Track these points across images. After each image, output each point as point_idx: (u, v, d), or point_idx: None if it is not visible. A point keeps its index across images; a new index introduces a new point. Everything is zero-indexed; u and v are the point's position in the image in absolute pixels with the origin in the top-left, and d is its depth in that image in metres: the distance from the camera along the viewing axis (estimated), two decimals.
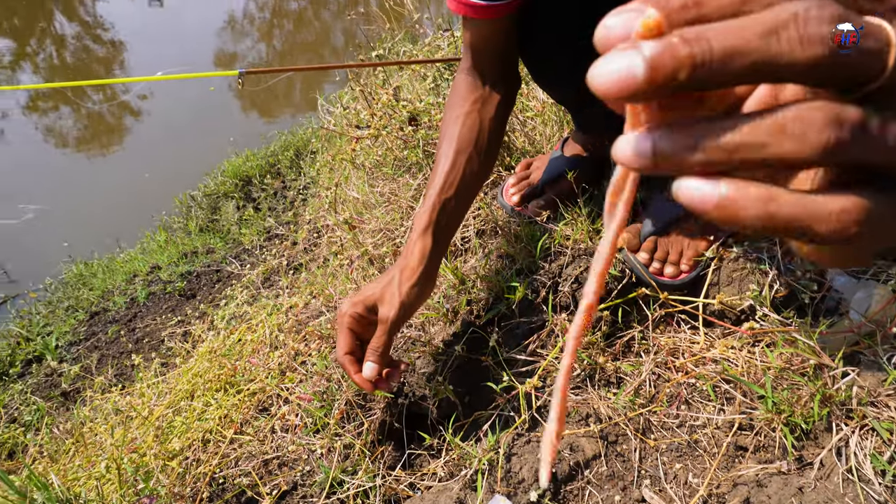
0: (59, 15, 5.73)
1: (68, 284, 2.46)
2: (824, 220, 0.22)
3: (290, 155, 2.62)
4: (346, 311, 0.85)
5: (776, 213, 0.22)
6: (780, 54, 0.21)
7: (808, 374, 0.80)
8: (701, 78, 0.21)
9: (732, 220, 0.22)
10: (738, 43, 0.21)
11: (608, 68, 0.21)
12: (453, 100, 0.99)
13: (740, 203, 0.22)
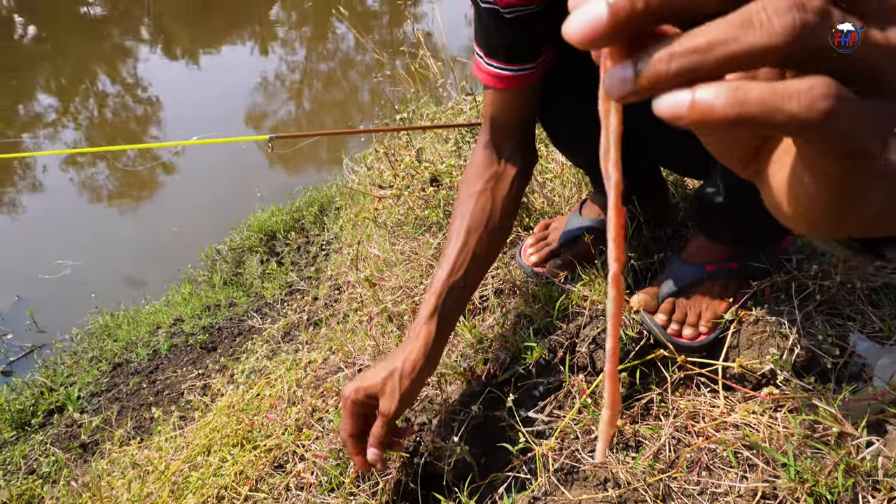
0: (102, 76, 6.04)
1: (94, 335, 2.50)
2: (794, 97, 0.22)
3: (315, 211, 2.69)
4: (349, 396, 0.89)
5: (745, 98, 0.23)
6: (737, 52, 0.22)
7: (830, 442, 0.78)
8: (657, 4, 0.23)
9: (707, 117, 0.23)
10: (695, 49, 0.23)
11: (578, 18, 0.23)
12: (469, 176, 1.01)
13: (711, 98, 0.23)
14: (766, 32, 0.22)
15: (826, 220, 0.29)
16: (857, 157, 0.25)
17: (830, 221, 0.29)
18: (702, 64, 0.23)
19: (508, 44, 0.91)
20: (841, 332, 0.94)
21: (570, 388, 1.00)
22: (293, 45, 6.68)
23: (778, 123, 0.23)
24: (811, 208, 0.29)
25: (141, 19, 7.45)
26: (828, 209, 0.28)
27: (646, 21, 0.23)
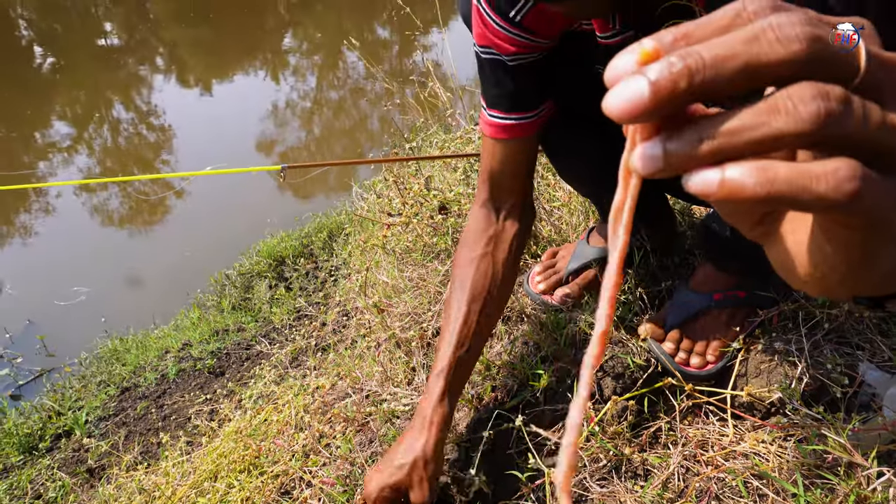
0: (117, 103, 6.17)
1: (103, 359, 2.51)
2: (822, 179, 0.24)
3: (324, 237, 2.71)
4: (373, 494, 0.89)
5: (774, 178, 0.24)
6: (763, 54, 0.23)
7: (840, 472, 0.78)
8: (699, 85, 0.24)
9: (738, 195, 0.24)
10: (725, 51, 0.24)
11: (619, 94, 0.24)
12: (468, 237, 1.01)
13: (741, 178, 0.24)
14: (793, 119, 0.23)
15: (842, 284, 0.30)
16: (878, 227, 0.26)
17: (847, 285, 0.30)
18: (731, 146, 0.24)
19: (511, 93, 0.93)
20: (850, 362, 0.94)
21: None
22: (304, 73, 6.80)
23: (805, 203, 0.24)
24: (828, 274, 0.30)
25: (156, 48, 7.62)
26: (845, 275, 0.29)
27: (686, 101, 0.24)
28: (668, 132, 0.25)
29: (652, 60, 0.24)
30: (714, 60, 0.24)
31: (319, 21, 8.02)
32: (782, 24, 0.24)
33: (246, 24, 7.82)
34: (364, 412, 1.21)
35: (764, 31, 0.24)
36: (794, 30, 0.23)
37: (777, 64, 0.24)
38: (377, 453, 1.09)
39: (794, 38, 0.23)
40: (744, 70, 0.24)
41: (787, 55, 0.23)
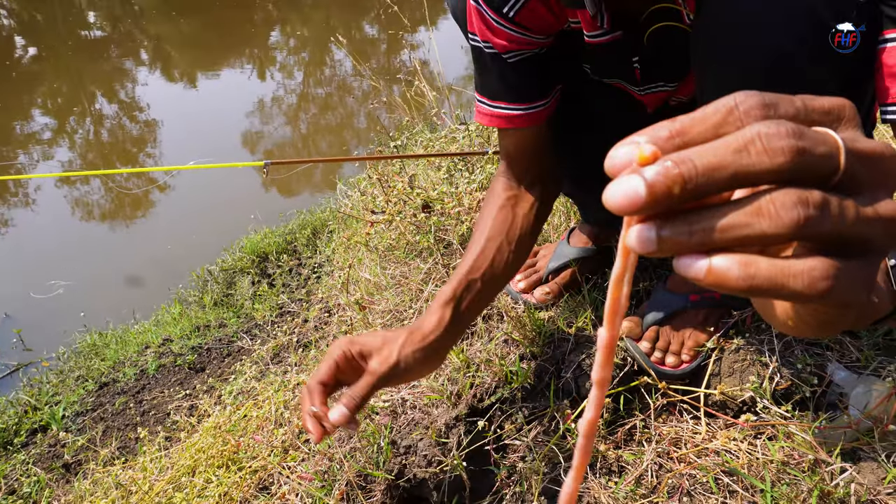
0: (100, 96, 6.09)
1: (81, 354, 2.49)
2: (798, 276, 0.27)
3: (308, 233, 2.70)
4: (341, 346, 0.82)
5: (756, 273, 0.27)
6: (750, 164, 0.26)
7: (806, 469, 0.80)
8: (691, 190, 0.26)
9: (722, 284, 0.27)
10: (716, 160, 0.26)
11: (618, 190, 0.26)
12: (489, 199, 1.02)
13: (726, 269, 0.27)
14: (775, 223, 0.26)
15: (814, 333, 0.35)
16: (847, 306, 0.29)
17: (818, 333, 0.35)
18: (718, 240, 0.27)
19: (514, 86, 0.93)
20: (819, 362, 0.96)
21: (554, 413, 1.02)
22: (291, 69, 6.77)
23: (783, 296, 0.27)
24: (801, 326, 0.35)
25: (141, 41, 7.54)
26: (817, 328, 0.34)
27: (678, 202, 0.27)
28: (662, 219, 0.28)
29: (650, 160, 0.26)
30: (705, 169, 0.26)
31: (307, 17, 7.98)
32: (770, 135, 0.26)
33: (232, 18, 7.77)
34: None
35: (752, 142, 0.26)
36: (780, 142, 0.26)
37: (763, 174, 0.26)
38: (356, 449, 1.10)
39: (780, 151, 0.26)
40: (733, 178, 0.26)
41: (773, 166, 0.26)
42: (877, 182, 0.29)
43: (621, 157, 0.27)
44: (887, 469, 0.75)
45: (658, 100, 0.99)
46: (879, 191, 0.29)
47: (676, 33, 0.84)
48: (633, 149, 0.27)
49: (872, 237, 0.29)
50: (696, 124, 0.27)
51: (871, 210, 0.28)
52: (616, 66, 0.95)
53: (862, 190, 0.28)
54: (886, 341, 1.00)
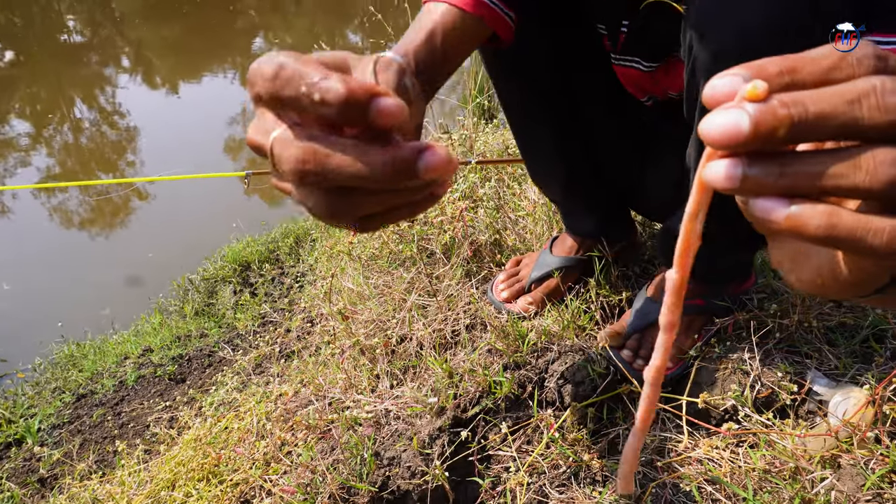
0: (79, 102, 6.01)
1: (58, 365, 2.44)
2: (879, 234, 0.26)
3: (290, 242, 2.68)
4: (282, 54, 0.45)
5: (837, 224, 0.26)
6: (862, 118, 0.25)
7: (787, 477, 0.81)
8: (796, 134, 0.25)
9: (800, 231, 0.26)
10: (828, 108, 0.25)
11: (719, 122, 0.25)
12: None
13: (806, 217, 0.26)
14: (871, 178, 0.25)
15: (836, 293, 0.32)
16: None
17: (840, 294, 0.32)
18: (807, 187, 0.26)
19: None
20: (799, 370, 0.97)
21: (538, 423, 1.01)
22: None
23: (858, 250, 0.26)
24: (828, 284, 0.32)
25: (122, 47, 7.47)
26: (843, 288, 0.32)
27: (780, 144, 0.26)
28: (751, 157, 0.26)
29: (759, 97, 0.25)
30: (817, 116, 0.25)
31: (290, 24, 7.96)
32: (886, 91, 0.25)
33: (214, 25, 7.72)
34: (326, 419, 1.20)
35: (867, 95, 0.25)
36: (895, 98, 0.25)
37: (872, 128, 0.25)
38: (339, 461, 1.09)
39: (893, 107, 0.25)
40: (841, 128, 0.25)
41: (884, 123, 0.25)
42: None
43: (723, 87, 0.26)
44: (866, 476, 0.76)
45: (630, 78, 0.98)
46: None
47: (670, 15, 0.82)
48: (737, 80, 0.26)
49: None
50: (807, 64, 0.26)
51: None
52: (609, 21, 0.94)
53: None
54: (863, 348, 1.02)
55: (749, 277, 1.12)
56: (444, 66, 0.75)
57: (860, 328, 1.03)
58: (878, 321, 1.03)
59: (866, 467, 0.77)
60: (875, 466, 0.77)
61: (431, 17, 0.74)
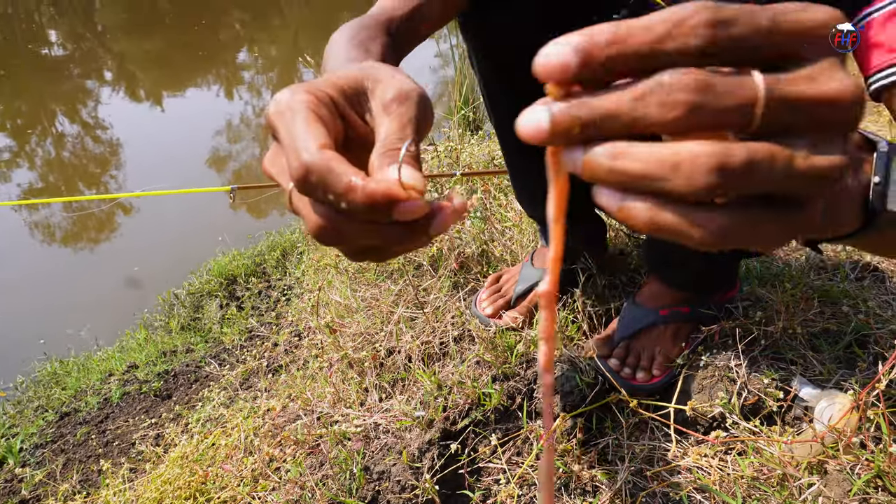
0: (61, 116, 5.96)
1: (40, 383, 2.40)
2: (699, 228, 0.27)
3: (277, 255, 2.67)
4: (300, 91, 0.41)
5: (659, 221, 0.27)
6: (645, 115, 0.26)
7: (775, 483, 0.81)
8: (591, 132, 0.27)
9: (631, 224, 0.28)
10: (613, 107, 0.26)
11: (527, 119, 0.28)
12: None
13: (632, 212, 0.27)
14: (687, 184, 0.26)
15: None
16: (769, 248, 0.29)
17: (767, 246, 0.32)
18: (635, 187, 0.27)
19: None
20: (784, 376, 0.98)
21: (528, 435, 1.01)
22: (259, 89, 6.73)
23: (685, 242, 0.28)
24: None
25: (104, 60, 7.43)
26: None
27: (581, 140, 0.27)
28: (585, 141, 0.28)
29: (560, 93, 0.27)
30: (602, 115, 0.26)
31: (275, 37, 7.97)
32: (671, 85, 0.25)
33: (198, 38, 7.71)
34: (315, 434, 1.19)
35: (651, 92, 0.25)
36: (678, 95, 0.25)
37: (660, 126, 0.26)
38: (328, 476, 1.08)
39: (674, 105, 0.25)
40: (629, 126, 0.26)
41: (666, 120, 0.25)
42: (821, 128, 0.27)
43: (555, 59, 0.27)
44: (852, 481, 0.77)
45: None
46: (822, 139, 0.27)
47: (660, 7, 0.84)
48: (567, 53, 0.27)
49: (800, 190, 0.27)
50: (637, 33, 0.26)
51: (803, 164, 0.26)
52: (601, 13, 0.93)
53: (801, 135, 0.27)
54: (847, 354, 1.03)
55: (734, 285, 1.13)
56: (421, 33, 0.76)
57: (843, 334, 1.05)
58: (861, 326, 1.04)
59: (852, 473, 0.78)
60: (861, 472, 0.78)
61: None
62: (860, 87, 0.27)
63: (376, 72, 0.43)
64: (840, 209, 0.36)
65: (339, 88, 0.42)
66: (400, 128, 0.39)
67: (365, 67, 0.43)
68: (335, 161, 0.35)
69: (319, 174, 0.35)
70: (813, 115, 0.27)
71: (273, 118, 0.39)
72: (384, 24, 0.69)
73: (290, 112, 0.38)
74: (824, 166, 0.27)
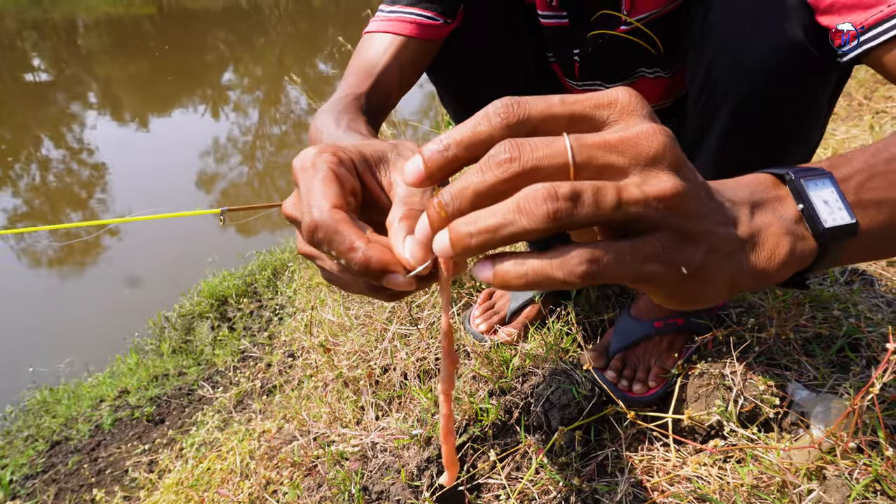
0: (46, 141, 5.93)
1: (30, 412, 2.36)
2: (559, 267, 0.31)
3: (268, 275, 2.66)
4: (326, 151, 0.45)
5: (527, 271, 0.32)
6: (481, 181, 0.32)
7: (775, 491, 0.81)
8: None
9: (506, 284, 0.33)
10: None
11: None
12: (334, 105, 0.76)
13: (505, 270, 0.32)
14: (533, 219, 0.30)
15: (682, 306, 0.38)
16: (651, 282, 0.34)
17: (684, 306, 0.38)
18: (494, 241, 0.32)
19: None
20: (780, 382, 0.98)
21: (526, 449, 1.01)
22: (245, 108, 6.73)
23: (556, 285, 0.32)
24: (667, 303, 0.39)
25: (89, 84, 7.41)
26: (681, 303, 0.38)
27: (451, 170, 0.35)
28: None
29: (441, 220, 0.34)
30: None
31: (260, 56, 7.99)
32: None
33: (183, 59, 7.72)
34: (312, 455, 1.18)
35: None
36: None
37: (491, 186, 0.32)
38: (326, 498, 1.07)
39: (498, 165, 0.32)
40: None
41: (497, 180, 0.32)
42: (642, 163, 0.32)
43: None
44: (851, 486, 0.77)
45: None
46: (649, 171, 0.32)
47: (620, 40, 0.87)
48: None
49: (647, 216, 0.32)
50: (456, 131, 0.34)
51: (636, 191, 0.31)
52: (559, 52, 0.97)
53: (624, 173, 0.32)
54: (840, 358, 1.04)
55: None
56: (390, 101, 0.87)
57: (835, 338, 1.05)
58: (853, 330, 1.05)
59: (851, 477, 0.78)
60: (859, 476, 0.78)
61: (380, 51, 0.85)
62: (663, 127, 0.33)
63: (402, 148, 0.49)
64: (785, 246, 0.39)
65: (363, 154, 0.47)
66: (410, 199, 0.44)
67: (392, 143, 0.50)
68: (342, 223, 0.40)
69: (326, 232, 0.39)
70: (625, 154, 0.32)
71: (297, 172, 0.44)
72: (355, 103, 0.77)
73: (313, 169, 0.43)
74: (656, 192, 0.32)
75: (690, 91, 0.87)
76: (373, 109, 0.81)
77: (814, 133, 0.85)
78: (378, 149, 0.48)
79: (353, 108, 0.75)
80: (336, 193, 0.41)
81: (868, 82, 2.46)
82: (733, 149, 0.84)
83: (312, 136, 0.72)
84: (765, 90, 0.76)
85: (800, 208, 0.40)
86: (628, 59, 0.92)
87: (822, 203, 0.40)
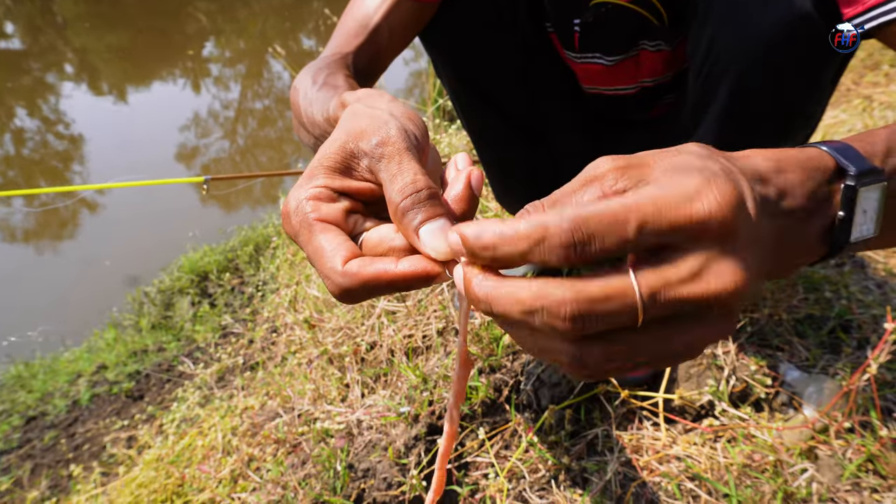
0: (20, 111, 5.75)
1: (4, 387, 2.31)
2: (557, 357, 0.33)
3: (250, 250, 2.61)
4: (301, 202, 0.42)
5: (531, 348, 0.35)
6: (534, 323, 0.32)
7: (768, 470, 0.81)
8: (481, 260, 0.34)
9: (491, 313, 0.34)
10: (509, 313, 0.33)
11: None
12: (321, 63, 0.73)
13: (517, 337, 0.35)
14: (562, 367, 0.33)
15: None
16: None
17: None
18: None
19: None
20: (772, 363, 0.98)
21: (515, 427, 1.00)
22: (227, 82, 6.58)
23: None
24: None
25: (65, 53, 7.19)
26: None
27: None
28: None
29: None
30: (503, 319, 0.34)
31: (242, 29, 7.81)
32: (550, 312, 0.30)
33: (163, 30, 7.51)
34: (296, 432, 1.16)
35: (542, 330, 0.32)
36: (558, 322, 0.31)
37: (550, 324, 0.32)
38: (310, 475, 1.05)
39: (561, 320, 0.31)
40: None
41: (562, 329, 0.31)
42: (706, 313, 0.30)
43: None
44: (844, 466, 0.77)
45: (593, 73, 0.98)
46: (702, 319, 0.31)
47: (622, 9, 0.84)
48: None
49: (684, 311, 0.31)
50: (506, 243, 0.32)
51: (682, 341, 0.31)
52: (560, 21, 0.94)
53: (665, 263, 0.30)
54: (832, 339, 1.03)
55: None
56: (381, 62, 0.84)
57: (827, 319, 1.05)
58: (844, 311, 1.05)
59: (844, 457, 0.78)
60: (852, 456, 0.78)
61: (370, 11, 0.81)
62: (745, 279, 0.30)
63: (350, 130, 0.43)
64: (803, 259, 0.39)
65: (331, 170, 0.43)
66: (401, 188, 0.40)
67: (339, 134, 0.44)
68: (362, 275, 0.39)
69: (360, 290, 0.39)
70: (699, 307, 0.30)
71: (291, 236, 0.42)
72: (340, 61, 0.73)
73: (305, 230, 0.41)
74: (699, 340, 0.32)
75: (692, 64, 0.84)
76: (360, 70, 0.78)
77: (816, 110, 0.83)
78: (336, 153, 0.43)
79: (335, 65, 0.71)
80: (338, 243, 0.40)
81: (857, 67, 2.45)
82: (734, 124, 0.82)
83: (291, 96, 0.69)
84: (768, 63, 0.73)
85: (840, 216, 0.38)
86: (630, 30, 0.89)
87: (861, 213, 0.38)
